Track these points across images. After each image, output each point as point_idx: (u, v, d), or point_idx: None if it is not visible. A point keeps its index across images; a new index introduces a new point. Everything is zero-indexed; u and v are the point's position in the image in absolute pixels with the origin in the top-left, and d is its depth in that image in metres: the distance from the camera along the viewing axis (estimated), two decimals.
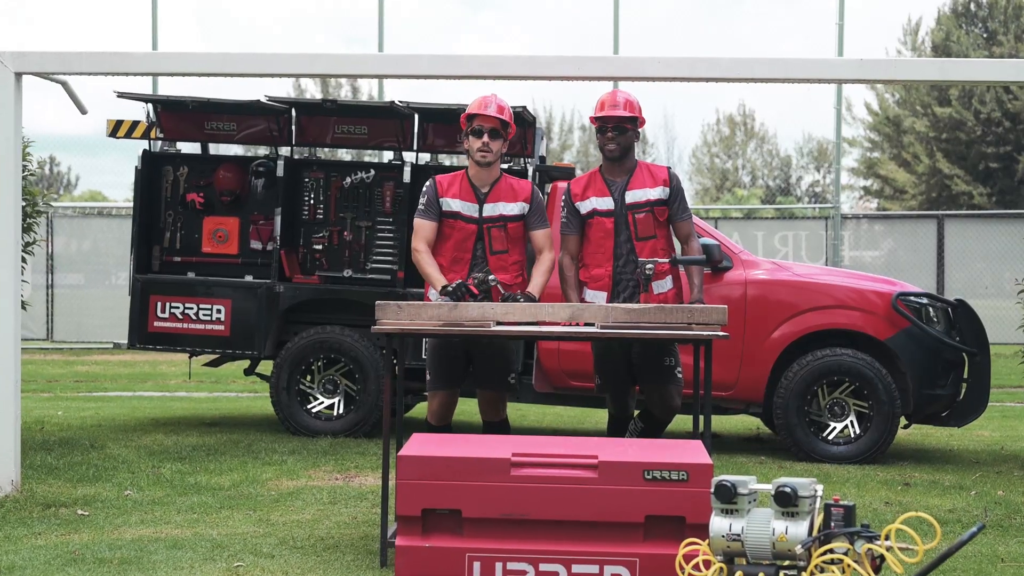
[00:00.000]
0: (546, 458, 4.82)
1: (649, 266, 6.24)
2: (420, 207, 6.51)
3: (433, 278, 6.36)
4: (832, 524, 4.18)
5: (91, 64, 6.71)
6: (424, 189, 6.55)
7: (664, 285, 6.49)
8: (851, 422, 8.97)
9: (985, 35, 33.73)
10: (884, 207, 34.63)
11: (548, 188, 9.86)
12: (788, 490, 4.15)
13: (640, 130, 6.56)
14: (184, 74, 6.48)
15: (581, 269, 6.56)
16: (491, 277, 6.23)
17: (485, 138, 6.39)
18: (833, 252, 15.69)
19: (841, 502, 4.19)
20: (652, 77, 6.89)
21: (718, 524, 4.22)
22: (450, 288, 6.18)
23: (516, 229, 6.47)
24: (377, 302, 5.89)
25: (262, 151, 10.80)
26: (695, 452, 4.92)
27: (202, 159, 10.14)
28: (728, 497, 4.22)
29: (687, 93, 49.81)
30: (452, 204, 6.44)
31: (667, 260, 6.34)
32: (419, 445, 4.97)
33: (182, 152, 10.17)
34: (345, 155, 17.97)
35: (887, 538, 4.13)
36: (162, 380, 14.76)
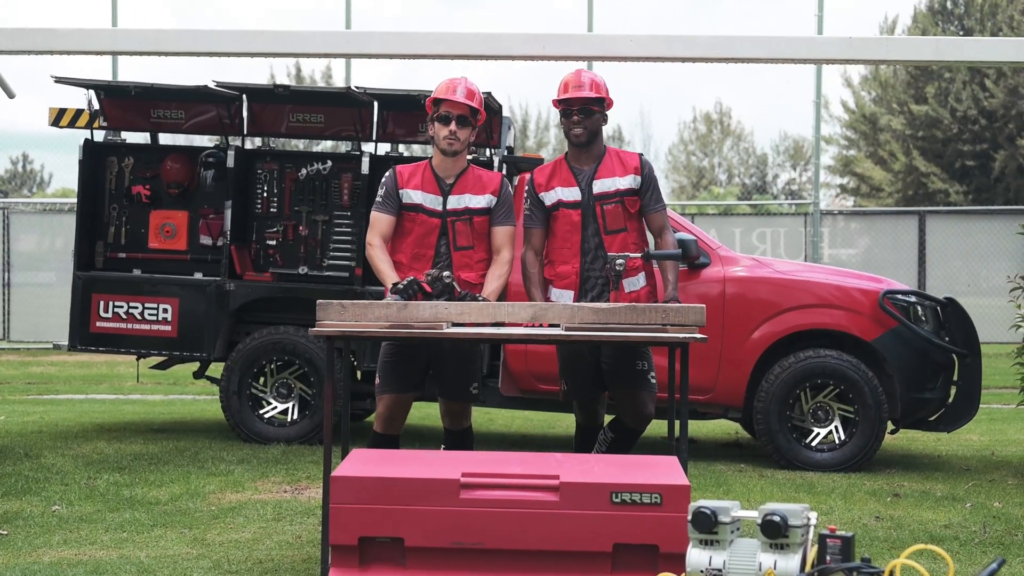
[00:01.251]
0: (501, 479, 4.19)
1: (619, 262, 5.61)
2: (378, 199, 5.88)
3: (385, 275, 5.73)
4: (828, 558, 3.55)
5: (9, 42, 6.05)
6: (383, 180, 5.91)
7: (636, 283, 5.87)
8: (835, 427, 8.41)
9: (961, 32, 33.32)
10: (861, 204, 34.20)
11: (516, 181, 9.23)
12: (777, 519, 3.52)
13: (608, 113, 5.93)
14: (109, 53, 5.82)
15: (546, 266, 5.94)
16: (446, 274, 5.60)
17: (452, 125, 5.76)
18: (812, 249, 15.12)
19: (838, 532, 3.56)
20: (625, 57, 6.28)
21: (696, 557, 3.58)
22: (401, 285, 5.55)
23: (483, 224, 5.84)
24: (319, 301, 5.27)
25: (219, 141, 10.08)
26: (670, 471, 4.31)
27: (148, 149, 9.47)
28: (708, 526, 3.59)
29: (664, 88, 49.14)
30: (413, 196, 5.81)
31: (639, 255, 5.72)
32: (357, 464, 4.34)
33: (127, 142, 9.49)
34: (301, 145, 17.36)
35: (892, 575, 3.51)
36: (118, 382, 14.06)
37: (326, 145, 11.04)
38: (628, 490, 4.11)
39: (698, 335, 4.99)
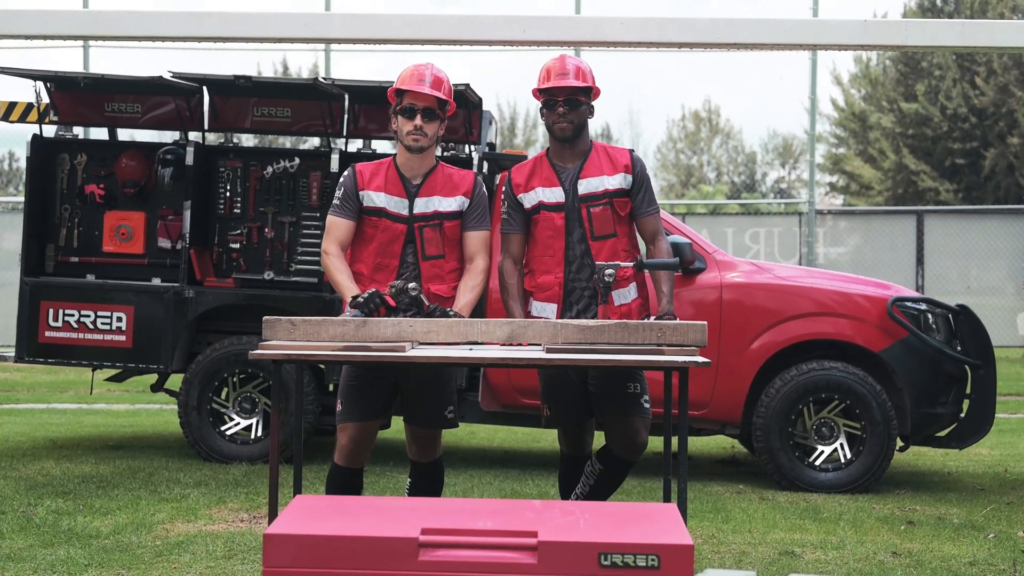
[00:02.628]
0: (468, 536, 3.45)
1: (608, 272, 4.88)
2: (335, 201, 5.14)
3: (343, 287, 4.99)
4: None
5: None
6: (341, 180, 5.17)
7: (627, 295, 5.13)
8: (841, 445, 7.72)
9: None
10: (850, 203, 33.59)
11: (498, 179, 8.49)
12: None
13: (594, 104, 5.19)
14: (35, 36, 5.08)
15: (526, 276, 5.20)
16: (412, 285, 4.86)
17: (418, 119, 5.02)
18: (808, 250, 14.39)
19: None
20: (615, 42, 5.55)
21: None
22: (360, 299, 4.82)
23: (454, 229, 5.10)
24: (265, 318, 4.54)
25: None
26: (669, 525, 3.57)
27: (103, 145, 8.70)
28: None
29: (653, 85, 48.34)
30: (376, 199, 5.07)
31: (631, 264, 4.98)
32: (297, 517, 3.59)
33: (79, 138, 8.72)
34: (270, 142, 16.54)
35: None
36: (84, 389, 13.23)
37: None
38: (619, 551, 3.37)
39: (699, 358, 4.26)
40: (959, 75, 32.02)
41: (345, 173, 5.17)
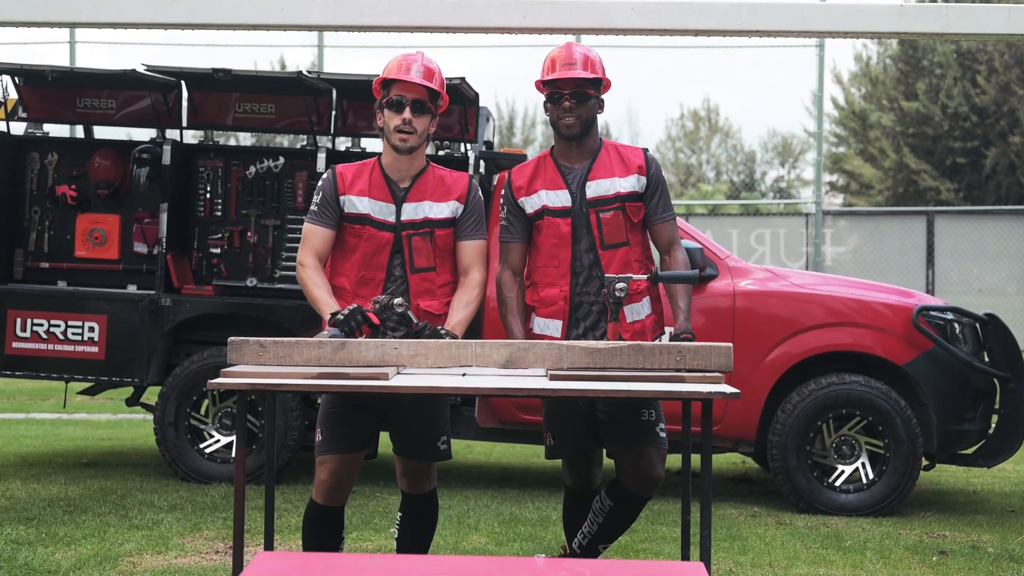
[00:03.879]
0: None
1: (620, 286, 4.28)
2: (312, 207, 4.54)
3: (321, 303, 4.39)
4: None
5: None
6: (319, 184, 4.57)
7: (640, 310, 4.53)
8: (863, 465, 7.13)
9: None
10: (851, 202, 33.05)
11: (495, 180, 7.90)
12: None
13: (604, 97, 4.60)
14: None
15: (528, 289, 4.60)
16: (398, 301, 4.26)
17: (406, 113, 4.41)
18: (814, 251, 13.79)
19: None
20: (625, 29, 4.95)
21: None
22: (341, 316, 4.23)
23: (446, 238, 4.50)
24: (230, 340, 3.95)
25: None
26: None
27: (75, 144, 8.08)
28: None
29: (651, 83, 47.62)
30: (359, 204, 4.47)
31: (645, 277, 4.38)
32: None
33: (50, 135, 8.10)
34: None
35: None
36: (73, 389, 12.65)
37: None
38: None
39: (726, 388, 3.67)
40: (960, 73, 31.53)
41: (324, 176, 4.57)
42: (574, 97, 4.43)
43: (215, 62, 7.47)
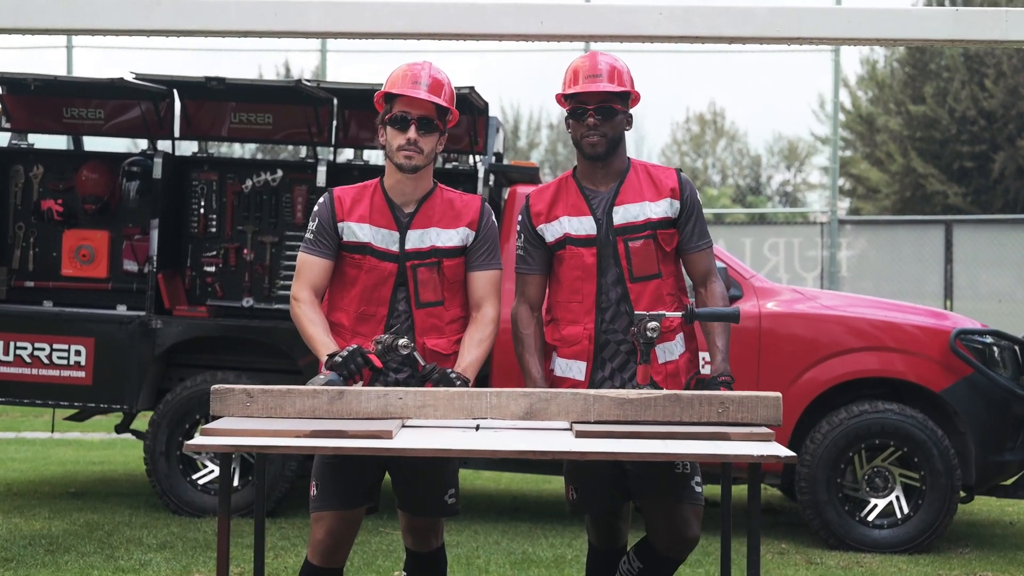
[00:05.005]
0: None
1: (652, 325, 3.77)
2: (307, 236, 4.04)
3: (316, 342, 3.90)
4: None
5: None
6: (315, 209, 4.07)
7: (673, 349, 4.03)
8: (897, 498, 6.64)
9: None
10: (857, 207, 32.58)
11: (505, 195, 7.41)
12: None
13: (632, 112, 4.10)
14: None
15: (548, 326, 4.10)
16: (403, 342, 3.77)
17: (411, 132, 3.91)
18: (829, 261, 13.26)
19: None
20: (653, 36, 4.46)
21: None
22: (339, 358, 3.73)
23: (456, 269, 4.00)
24: (213, 388, 3.47)
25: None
26: None
27: (61, 156, 7.58)
28: None
29: (656, 87, 46.98)
30: (359, 231, 3.97)
31: (679, 314, 3.88)
32: None
33: (35, 147, 7.59)
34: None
35: None
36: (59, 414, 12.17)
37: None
38: None
39: (781, 449, 3.18)
40: (968, 77, 31.12)
41: (320, 200, 4.08)
42: (599, 112, 3.93)
43: (218, 67, 7.00)
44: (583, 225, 3.99)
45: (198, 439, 3.17)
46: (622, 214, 3.98)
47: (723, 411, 3.45)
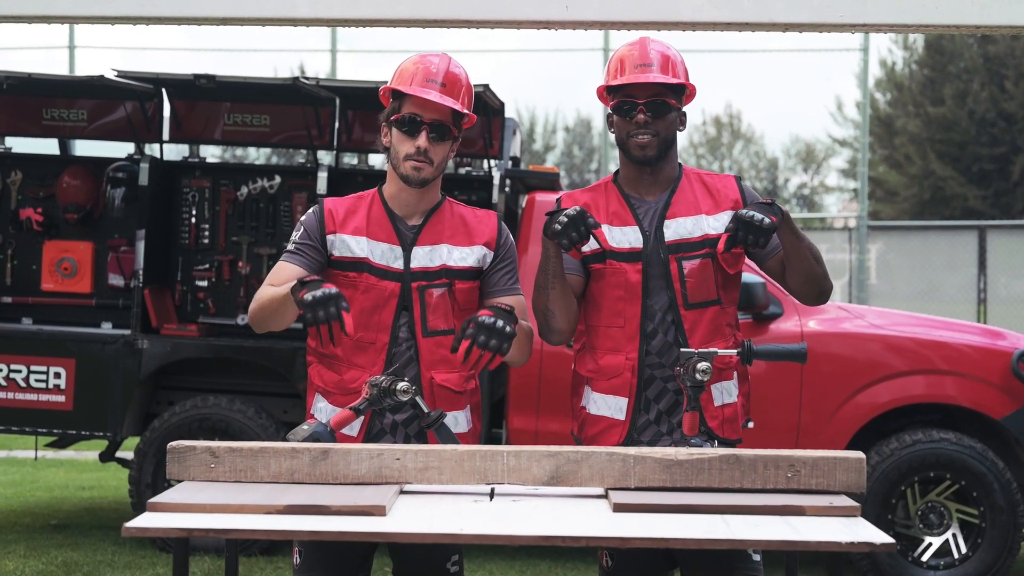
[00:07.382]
0: None
1: (703, 366, 3.09)
2: (289, 246, 3.39)
3: (280, 290, 3.25)
4: None
5: None
6: (301, 219, 3.42)
7: (728, 392, 3.36)
8: (954, 536, 5.99)
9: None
10: (876, 210, 31.97)
11: (523, 204, 6.75)
12: None
13: (686, 109, 3.43)
14: None
15: (581, 355, 3.42)
16: (402, 385, 3.09)
17: (422, 139, 3.24)
18: (858, 269, 12.57)
19: None
20: (695, 23, 3.80)
21: None
22: (314, 288, 3.06)
23: (469, 293, 3.33)
24: (170, 446, 2.82)
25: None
26: None
27: (41, 161, 6.93)
28: None
29: None
30: (354, 245, 3.31)
31: (734, 351, 3.20)
32: None
33: (12, 151, 6.95)
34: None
35: None
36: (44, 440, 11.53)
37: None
38: None
39: (875, 535, 2.50)
40: (987, 79, 30.60)
41: (309, 211, 3.43)
42: (650, 108, 3.26)
43: (229, 69, 6.31)
44: (626, 236, 3.31)
45: (141, 519, 2.50)
46: (675, 229, 3.31)
47: (793, 475, 2.78)
